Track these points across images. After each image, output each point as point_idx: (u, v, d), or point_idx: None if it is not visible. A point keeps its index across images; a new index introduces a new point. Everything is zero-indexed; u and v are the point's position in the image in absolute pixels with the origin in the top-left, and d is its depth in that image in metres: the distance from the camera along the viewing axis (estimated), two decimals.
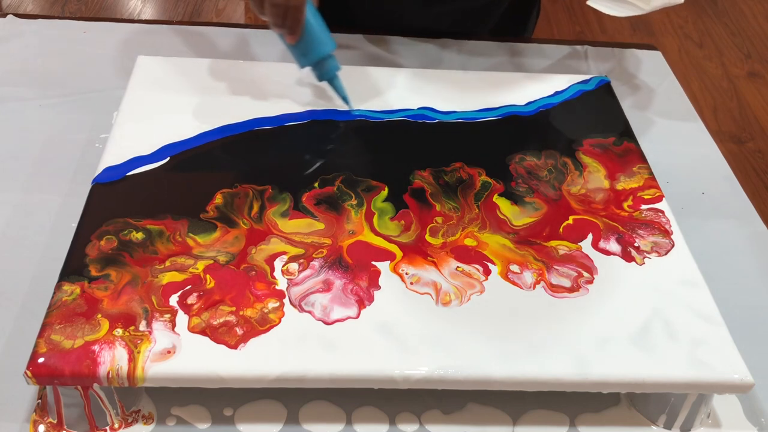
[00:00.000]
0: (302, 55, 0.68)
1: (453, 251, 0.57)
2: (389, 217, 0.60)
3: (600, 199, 0.63)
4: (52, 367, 0.47)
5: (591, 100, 0.75)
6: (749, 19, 2.41)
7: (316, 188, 0.62)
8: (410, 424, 0.53)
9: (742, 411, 0.55)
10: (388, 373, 0.49)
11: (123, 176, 0.61)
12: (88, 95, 0.77)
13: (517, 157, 0.67)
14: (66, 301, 0.51)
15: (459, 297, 0.54)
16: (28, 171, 0.68)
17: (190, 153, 0.64)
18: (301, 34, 0.66)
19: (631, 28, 2.33)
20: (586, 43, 0.92)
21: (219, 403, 0.53)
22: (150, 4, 2.30)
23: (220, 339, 0.50)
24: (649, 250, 0.59)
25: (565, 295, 0.55)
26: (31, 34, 0.84)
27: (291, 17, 0.64)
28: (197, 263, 0.54)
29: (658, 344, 0.52)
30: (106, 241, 0.55)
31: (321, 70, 0.69)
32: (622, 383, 0.51)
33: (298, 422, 0.52)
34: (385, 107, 0.71)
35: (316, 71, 0.69)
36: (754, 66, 2.19)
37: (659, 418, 0.54)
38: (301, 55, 0.68)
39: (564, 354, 0.51)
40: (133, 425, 0.51)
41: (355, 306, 0.53)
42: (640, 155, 0.68)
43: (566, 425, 0.54)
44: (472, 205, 0.61)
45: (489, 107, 0.73)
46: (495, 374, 0.50)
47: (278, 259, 0.55)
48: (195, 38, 0.87)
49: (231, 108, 0.69)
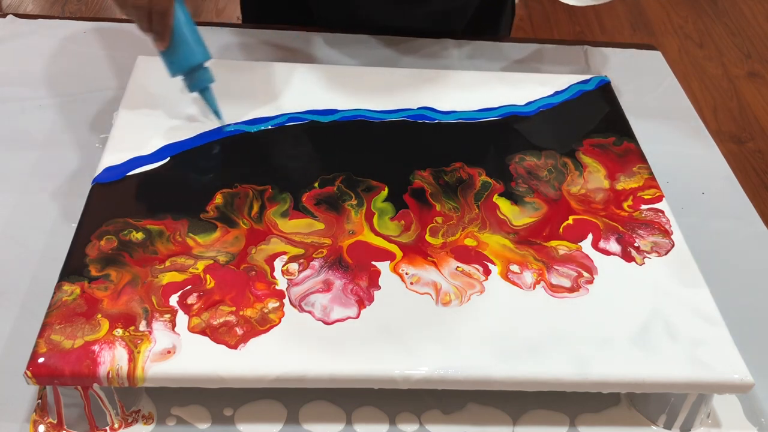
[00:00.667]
0: (171, 63, 0.64)
1: (453, 251, 0.57)
2: (389, 217, 0.60)
3: (600, 199, 0.63)
4: (52, 367, 0.47)
5: (591, 100, 0.75)
6: (749, 19, 2.41)
7: (316, 188, 0.62)
8: (410, 424, 0.53)
9: (742, 411, 0.55)
10: (388, 373, 0.49)
11: (123, 176, 0.61)
12: (88, 95, 0.77)
13: (517, 157, 0.67)
14: (66, 301, 0.51)
15: (459, 297, 0.54)
16: (28, 171, 0.68)
17: (190, 153, 0.64)
18: (169, 40, 0.62)
19: (631, 28, 2.33)
20: (586, 43, 0.92)
21: (219, 403, 0.53)
22: None
23: (220, 339, 0.50)
24: (649, 250, 0.59)
25: (565, 295, 0.55)
26: (31, 34, 0.84)
27: (157, 22, 0.61)
28: (197, 263, 0.54)
29: (658, 344, 0.52)
30: (106, 241, 0.55)
31: (191, 80, 0.65)
32: (622, 383, 0.51)
33: (298, 422, 0.52)
34: (385, 107, 0.71)
35: (186, 81, 0.66)
36: (754, 66, 2.19)
37: (659, 418, 0.54)
38: (171, 63, 0.64)
39: (564, 354, 0.51)
40: (133, 425, 0.51)
41: (355, 306, 0.53)
42: (640, 155, 0.68)
43: (566, 425, 0.54)
44: (472, 205, 0.61)
45: (489, 107, 0.73)
46: (495, 374, 0.50)
47: (278, 259, 0.55)
48: None
49: (231, 108, 0.69)
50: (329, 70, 0.76)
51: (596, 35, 2.28)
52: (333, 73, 0.75)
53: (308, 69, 0.76)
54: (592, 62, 0.89)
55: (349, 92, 0.72)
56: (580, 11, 2.36)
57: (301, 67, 0.76)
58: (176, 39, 0.63)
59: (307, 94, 0.72)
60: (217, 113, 0.67)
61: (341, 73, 0.76)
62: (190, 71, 0.65)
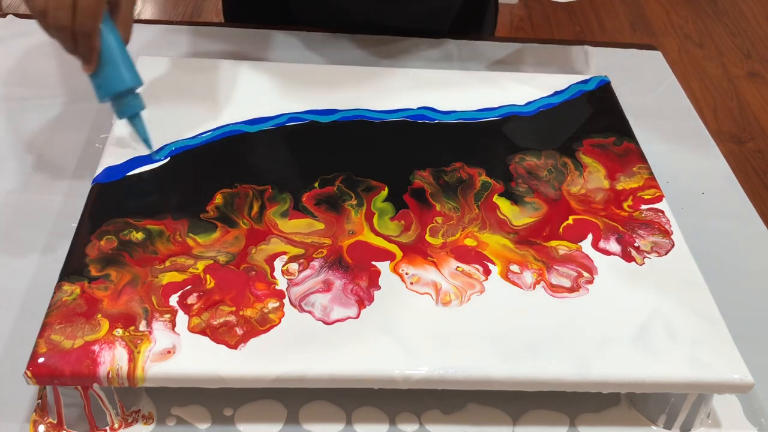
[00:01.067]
0: (99, 86, 0.61)
1: (453, 251, 0.57)
2: (389, 217, 0.60)
3: (600, 199, 0.63)
4: (52, 367, 0.47)
5: (591, 100, 0.75)
6: (749, 19, 2.41)
7: (316, 188, 0.62)
8: (410, 424, 0.53)
9: (742, 411, 0.55)
10: (388, 373, 0.49)
11: (123, 176, 0.61)
12: (88, 95, 0.77)
13: (517, 157, 0.67)
14: (66, 301, 0.51)
15: (459, 297, 0.54)
16: (28, 171, 0.68)
17: (190, 153, 0.64)
18: (96, 62, 0.59)
19: (631, 28, 2.34)
20: (586, 43, 0.92)
21: (219, 403, 0.53)
22: (150, 4, 2.30)
23: (220, 339, 0.50)
24: (649, 250, 0.59)
25: (565, 295, 0.55)
26: (31, 34, 0.84)
27: (82, 44, 0.57)
28: (197, 263, 0.54)
29: (658, 344, 0.52)
30: (106, 241, 0.55)
31: (119, 106, 0.62)
32: (622, 383, 0.51)
33: (298, 422, 0.52)
34: (385, 107, 0.71)
35: (114, 107, 0.62)
36: (754, 66, 2.19)
37: (659, 418, 0.54)
38: (98, 87, 0.61)
39: (564, 354, 0.51)
40: (133, 425, 0.51)
41: (355, 306, 0.53)
42: (640, 155, 0.68)
43: (566, 425, 0.54)
44: (472, 205, 0.61)
45: (489, 107, 0.73)
46: (495, 374, 0.50)
47: (278, 259, 0.55)
48: (195, 38, 0.87)
49: (231, 108, 0.69)
50: (329, 70, 0.76)
51: (596, 35, 2.28)
52: (333, 73, 0.75)
53: (308, 69, 0.76)
54: (592, 62, 0.89)
55: (349, 92, 0.72)
56: (580, 11, 2.36)
57: (301, 67, 0.76)
58: (104, 62, 0.59)
59: (307, 94, 0.72)
60: (147, 142, 0.63)
61: (341, 73, 0.76)
62: (118, 97, 0.61)
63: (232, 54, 0.84)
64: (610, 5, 2.43)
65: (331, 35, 0.88)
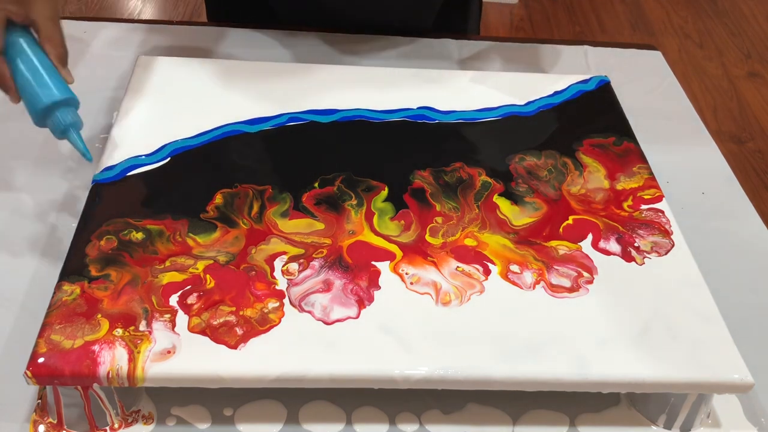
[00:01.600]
0: (29, 112, 0.58)
1: (453, 251, 0.57)
2: (389, 217, 0.60)
3: (600, 199, 0.63)
4: (52, 367, 0.47)
5: (591, 100, 0.75)
6: (749, 19, 2.41)
7: (316, 188, 0.62)
8: (410, 424, 0.53)
9: (742, 411, 0.55)
10: (388, 373, 0.49)
11: (123, 176, 0.61)
12: (87, 95, 0.77)
13: (517, 157, 0.67)
14: (66, 301, 0.51)
15: (459, 297, 0.54)
16: (28, 171, 0.68)
17: (190, 153, 0.64)
18: (14, 91, 0.57)
19: (631, 28, 2.33)
20: (586, 43, 0.92)
21: (219, 403, 0.53)
22: (150, 4, 2.30)
23: (220, 339, 0.50)
24: (649, 250, 0.59)
25: (565, 295, 0.55)
26: None
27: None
28: (197, 263, 0.54)
29: (658, 344, 0.52)
30: (106, 241, 0.55)
31: (52, 126, 0.58)
32: (622, 383, 0.51)
33: (298, 422, 0.52)
34: (385, 107, 0.71)
35: (49, 128, 0.59)
36: (754, 66, 2.19)
37: (659, 418, 0.54)
38: (29, 113, 0.58)
39: (564, 354, 0.51)
40: (133, 425, 0.51)
41: (355, 306, 0.53)
42: (640, 155, 0.68)
43: (566, 425, 0.54)
44: (472, 205, 0.61)
45: (489, 107, 0.73)
46: (495, 374, 0.50)
47: (278, 259, 0.55)
48: (195, 38, 0.87)
49: (231, 108, 0.69)
50: (329, 70, 0.76)
51: (596, 35, 2.28)
52: (333, 73, 0.75)
53: (308, 69, 0.76)
54: (592, 62, 0.89)
55: (349, 92, 0.72)
56: (580, 11, 2.36)
57: (301, 67, 0.76)
58: (20, 88, 0.57)
59: (307, 93, 0.72)
60: (85, 155, 0.59)
61: (341, 73, 0.76)
62: (46, 116, 0.58)
63: (233, 54, 0.84)
64: (610, 5, 2.43)
65: (331, 35, 0.88)
